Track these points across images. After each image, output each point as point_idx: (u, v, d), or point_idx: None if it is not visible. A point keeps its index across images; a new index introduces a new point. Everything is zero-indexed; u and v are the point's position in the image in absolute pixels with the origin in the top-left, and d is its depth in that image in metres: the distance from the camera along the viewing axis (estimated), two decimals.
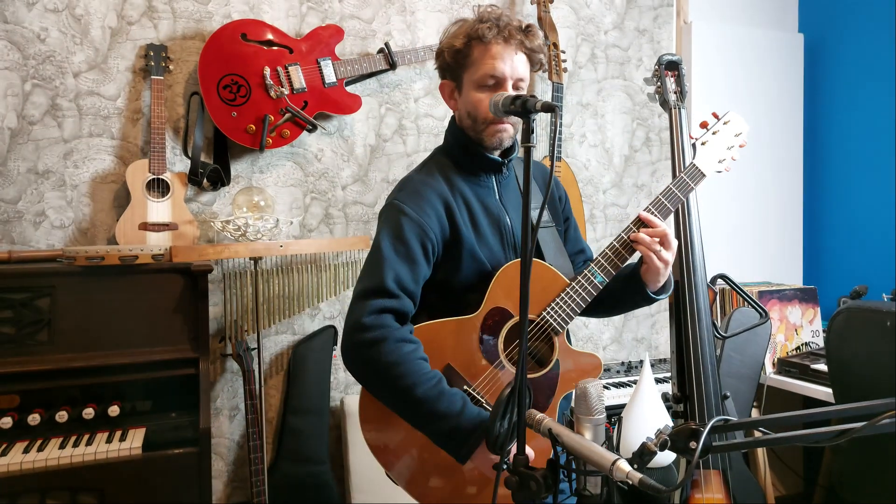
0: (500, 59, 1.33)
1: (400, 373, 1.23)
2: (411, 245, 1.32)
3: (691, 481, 1.84)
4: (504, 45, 1.34)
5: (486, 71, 1.34)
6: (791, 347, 2.71)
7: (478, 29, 1.33)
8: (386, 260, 1.30)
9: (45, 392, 1.86)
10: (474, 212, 1.40)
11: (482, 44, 1.34)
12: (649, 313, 3.06)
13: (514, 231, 1.43)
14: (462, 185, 1.42)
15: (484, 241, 1.39)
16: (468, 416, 1.23)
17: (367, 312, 1.27)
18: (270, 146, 2.32)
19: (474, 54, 1.35)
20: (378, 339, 1.25)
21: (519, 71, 1.36)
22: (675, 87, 1.94)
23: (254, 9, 2.40)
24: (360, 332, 1.26)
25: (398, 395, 1.25)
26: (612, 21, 2.96)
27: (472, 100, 1.37)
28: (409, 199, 1.37)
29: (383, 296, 1.28)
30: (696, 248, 1.87)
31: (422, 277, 1.34)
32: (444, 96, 1.46)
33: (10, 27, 2.15)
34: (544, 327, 1.37)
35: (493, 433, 1.08)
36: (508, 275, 1.36)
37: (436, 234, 1.35)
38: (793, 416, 0.94)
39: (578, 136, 2.92)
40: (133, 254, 1.98)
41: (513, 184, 1.50)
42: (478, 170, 1.44)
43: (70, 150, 2.22)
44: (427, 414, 1.24)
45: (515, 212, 1.46)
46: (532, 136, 1.11)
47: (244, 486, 2.41)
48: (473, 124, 1.39)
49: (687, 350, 1.82)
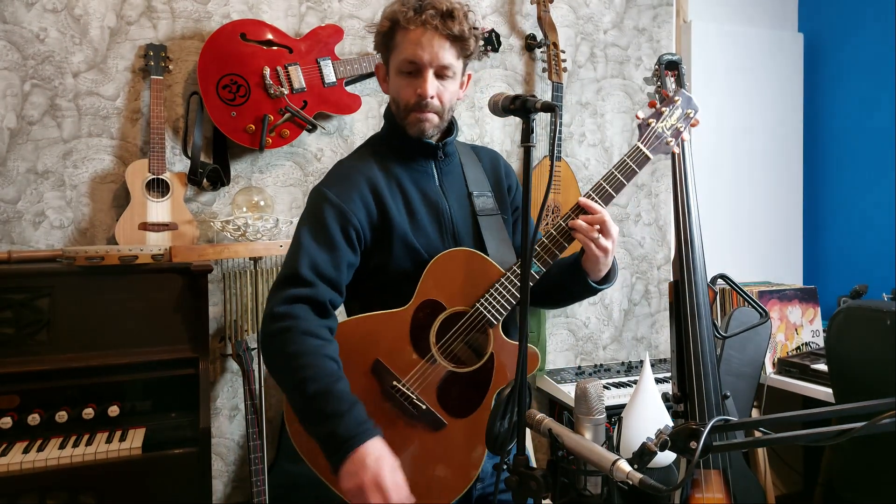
0: (418, 45, 1.28)
1: (297, 365, 1.18)
2: (331, 230, 1.28)
3: (691, 481, 1.84)
4: (422, 29, 1.28)
5: (405, 56, 1.30)
6: (791, 347, 2.71)
7: (397, 13, 1.29)
8: (302, 247, 1.27)
9: (45, 392, 1.86)
10: (410, 197, 1.36)
11: (402, 28, 1.30)
12: (649, 313, 3.06)
13: (452, 218, 1.39)
14: (398, 170, 1.38)
15: (420, 228, 1.35)
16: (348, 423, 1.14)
17: (278, 302, 1.24)
18: (270, 146, 2.32)
19: (396, 38, 1.31)
20: (284, 328, 1.21)
21: (441, 57, 1.29)
22: (675, 86, 1.94)
23: (253, 8, 2.40)
24: (269, 321, 1.23)
25: (292, 389, 1.20)
26: (612, 20, 2.96)
27: (395, 85, 1.34)
28: (333, 184, 1.33)
29: (297, 284, 1.24)
30: (696, 248, 1.87)
31: (344, 263, 1.29)
32: (378, 79, 1.42)
33: (9, 27, 2.15)
34: (479, 319, 1.32)
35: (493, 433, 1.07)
36: (440, 266, 1.32)
37: (360, 220, 1.30)
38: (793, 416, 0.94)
39: (578, 135, 2.92)
40: (133, 254, 1.97)
41: (457, 170, 1.45)
42: (414, 154, 1.40)
43: (69, 150, 2.22)
44: (313, 413, 1.17)
45: (456, 199, 1.41)
46: (532, 135, 1.11)
47: (244, 486, 2.41)
48: (397, 110, 1.36)
49: (687, 350, 1.82)
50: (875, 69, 2.98)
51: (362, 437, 1.13)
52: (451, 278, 1.32)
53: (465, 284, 1.33)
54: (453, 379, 1.33)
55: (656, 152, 1.38)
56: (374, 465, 1.10)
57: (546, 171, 2.60)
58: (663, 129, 1.39)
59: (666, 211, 3.06)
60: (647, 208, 3.05)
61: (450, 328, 1.34)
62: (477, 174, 1.48)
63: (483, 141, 2.73)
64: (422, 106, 1.32)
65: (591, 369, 2.79)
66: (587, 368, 2.80)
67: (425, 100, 1.31)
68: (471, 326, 1.33)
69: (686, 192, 1.92)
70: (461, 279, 1.32)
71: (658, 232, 3.07)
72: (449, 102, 1.36)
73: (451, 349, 1.34)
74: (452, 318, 1.33)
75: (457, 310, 1.33)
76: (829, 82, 3.21)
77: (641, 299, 3.05)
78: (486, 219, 1.43)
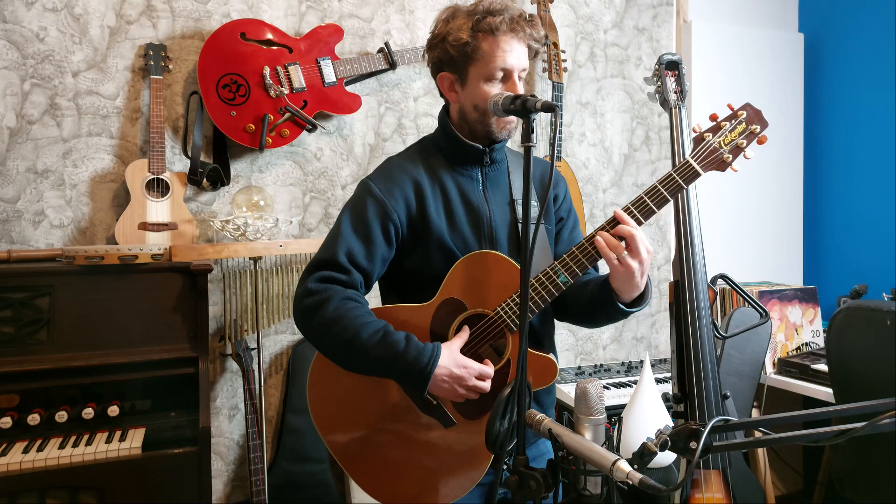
0: (510, 52, 1.30)
1: (346, 325, 1.26)
2: (371, 224, 1.32)
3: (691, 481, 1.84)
4: (512, 36, 1.31)
5: (497, 64, 1.30)
6: (791, 347, 2.71)
7: (488, 21, 1.30)
8: (342, 235, 1.32)
9: (45, 391, 1.86)
10: (451, 200, 1.37)
11: (492, 36, 1.30)
12: (649, 313, 3.06)
13: (492, 224, 1.39)
14: (444, 173, 1.40)
15: (457, 230, 1.36)
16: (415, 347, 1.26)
17: (314, 280, 1.30)
18: (270, 146, 2.32)
19: (483, 47, 1.31)
20: (324, 299, 1.27)
21: (524, 62, 1.34)
22: (676, 86, 1.94)
23: (253, 8, 2.40)
24: (306, 297, 1.29)
25: (346, 347, 1.27)
26: (612, 20, 2.96)
27: (481, 93, 1.33)
28: (379, 180, 1.37)
29: (332, 268, 1.30)
30: (696, 248, 1.87)
31: (379, 256, 1.34)
32: (442, 88, 1.41)
33: (8, 26, 2.14)
34: (498, 324, 1.32)
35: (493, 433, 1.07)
36: (466, 266, 1.32)
37: (400, 217, 1.34)
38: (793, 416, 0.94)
39: (578, 135, 2.92)
40: (132, 253, 1.97)
41: (503, 177, 1.46)
42: (462, 160, 1.41)
43: (69, 149, 2.22)
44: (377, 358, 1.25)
45: (499, 205, 1.42)
46: (532, 135, 1.11)
47: (244, 486, 2.41)
48: (482, 117, 1.36)
49: (687, 350, 1.82)
50: (875, 69, 2.98)
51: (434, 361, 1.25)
52: (475, 280, 1.33)
53: (490, 287, 1.32)
54: None
55: (709, 169, 1.29)
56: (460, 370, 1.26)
57: None
58: (720, 143, 1.30)
59: (666, 211, 3.06)
60: None
61: (469, 328, 1.34)
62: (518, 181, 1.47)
63: None
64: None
65: (591, 369, 2.79)
66: (587, 368, 2.79)
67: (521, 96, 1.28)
68: (489, 330, 1.33)
69: (686, 192, 1.92)
70: (486, 282, 1.33)
71: (658, 232, 3.07)
72: None
73: (468, 350, 1.34)
74: (472, 320, 1.34)
75: (477, 311, 1.33)
76: (829, 82, 3.21)
77: None
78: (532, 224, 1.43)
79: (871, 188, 3.00)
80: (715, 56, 3.05)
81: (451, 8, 1.37)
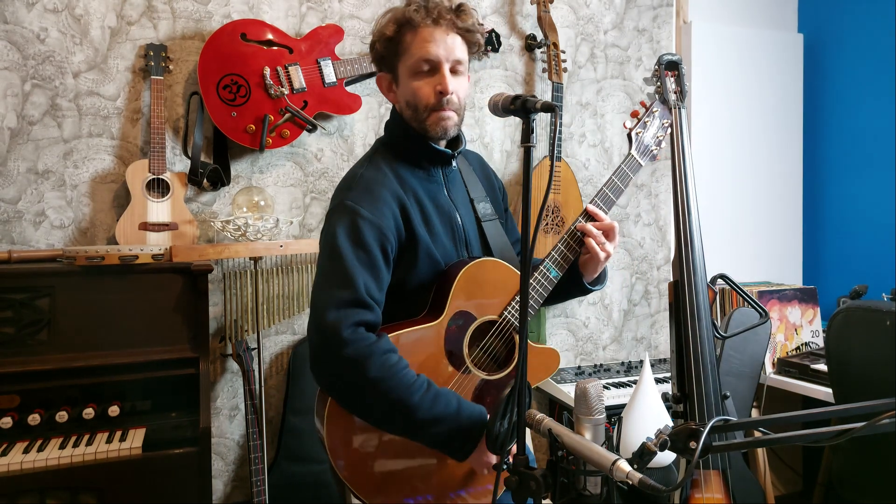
0: (432, 42, 1.28)
1: (390, 386, 1.19)
2: (373, 251, 1.25)
3: (691, 481, 1.84)
4: (434, 26, 1.28)
5: (420, 55, 1.28)
6: (791, 347, 2.71)
7: (405, 13, 1.29)
8: (353, 268, 1.23)
9: (45, 392, 1.86)
10: (426, 210, 1.35)
11: (412, 28, 1.29)
12: (649, 313, 3.06)
13: (464, 228, 1.41)
14: (412, 181, 1.36)
15: (438, 239, 1.36)
16: (466, 414, 1.23)
17: (345, 326, 1.20)
18: (270, 146, 2.32)
19: (406, 40, 1.30)
20: (364, 355, 1.19)
21: (455, 53, 1.30)
22: (675, 86, 1.94)
23: (253, 8, 2.40)
24: (341, 347, 1.19)
25: (390, 408, 1.20)
26: (612, 21, 2.96)
27: (410, 88, 1.31)
28: (362, 200, 1.29)
29: (359, 306, 1.22)
30: (696, 248, 1.87)
31: (385, 284, 1.29)
32: (382, 90, 1.40)
33: (9, 27, 2.15)
34: (506, 327, 1.36)
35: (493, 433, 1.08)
36: (469, 277, 1.32)
37: (393, 236, 1.29)
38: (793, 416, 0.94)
39: (578, 135, 2.92)
40: (133, 254, 1.98)
41: (458, 178, 1.46)
42: (426, 163, 1.39)
43: (70, 149, 2.22)
44: (423, 421, 1.20)
45: (462, 206, 1.43)
46: (532, 136, 1.11)
47: (244, 486, 2.41)
48: (415, 114, 1.33)
49: (687, 350, 1.82)
50: (875, 70, 2.98)
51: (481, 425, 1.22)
52: (479, 288, 1.34)
53: (492, 293, 1.35)
54: (486, 386, 1.36)
55: (645, 158, 1.51)
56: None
57: (546, 171, 2.60)
58: (649, 137, 1.52)
59: (666, 211, 3.06)
60: (647, 208, 3.05)
61: (481, 338, 1.36)
62: (473, 179, 1.50)
63: (483, 141, 2.73)
64: (442, 104, 1.31)
65: (591, 369, 2.79)
66: (587, 368, 2.80)
67: (447, 96, 1.30)
68: (501, 334, 1.36)
69: (686, 192, 1.92)
70: (488, 288, 1.35)
71: (658, 232, 3.07)
72: (464, 99, 1.36)
73: (484, 358, 1.37)
74: (483, 328, 1.36)
75: (486, 319, 1.36)
76: (829, 82, 3.21)
77: (641, 299, 3.05)
78: (488, 224, 1.46)
79: (871, 188, 3.00)
80: (715, 56, 3.05)
81: (390, 8, 1.36)
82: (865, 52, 3.03)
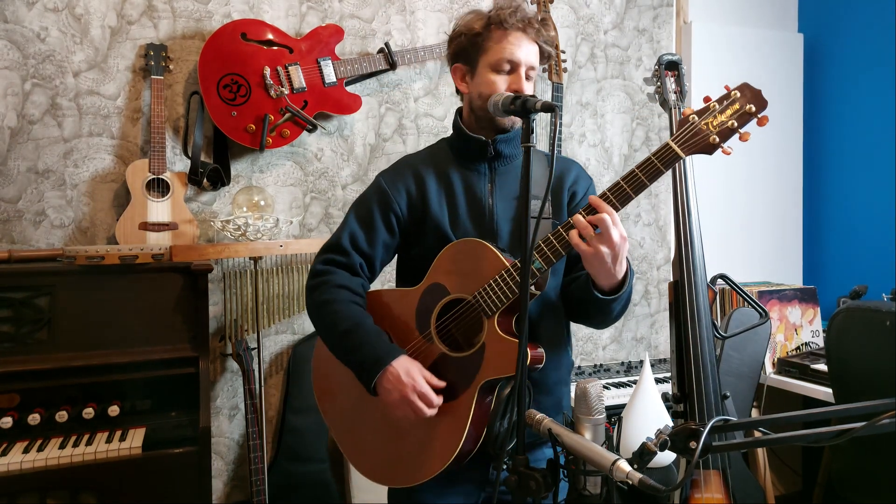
0: (517, 46, 1.37)
1: (330, 310, 1.37)
2: (373, 212, 1.44)
3: (691, 481, 1.84)
4: (522, 32, 1.38)
5: (504, 55, 1.37)
6: (791, 347, 2.71)
7: (499, 15, 1.37)
8: (347, 223, 1.45)
9: (45, 391, 1.86)
10: (455, 194, 1.44)
11: (502, 28, 1.38)
12: (649, 313, 3.06)
13: (495, 218, 1.42)
14: (452, 170, 1.46)
15: (458, 223, 1.42)
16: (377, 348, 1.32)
17: (319, 262, 1.44)
18: (270, 146, 2.32)
19: (493, 38, 1.38)
20: (322, 282, 1.40)
21: (532, 60, 1.39)
22: (675, 86, 1.94)
23: (254, 8, 2.40)
24: (311, 278, 1.43)
25: (328, 328, 1.39)
26: (612, 21, 2.96)
27: (487, 80, 1.39)
28: (388, 174, 1.49)
29: (335, 251, 1.43)
30: (696, 248, 1.87)
31: (380, 242, 1.44)
32: (455, 79, 1.47)
33: (9, 26, 2.15)
34: (476, 307, 1.33)
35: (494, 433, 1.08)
36: (451, 252, 1.38)
37: (401, 206, 1.44)
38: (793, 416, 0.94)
39: (578, 135, 2.92)
40: (133, 253, 1.98)
41: (514, 172, 1.46)
42: (468, 154, 1.46)
43: (70, 149, 2.22)
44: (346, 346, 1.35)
45: (504, 200, 1.43)
46: (532, 135, 1.11)
47: (244, 486, 2.41)
48: (483, 104, 1.40)
49: (687, 350, 1.82)
50: (875, 69, 2.98)
51: (390, 357, 1.31)
52: (459, 265, 1.37)
53: (471, 273, 1.35)
54: (444, 362, 1.36)
55: (692, 152, 1.20)
56: (407, 378, 1.29)
57: None
58: (708, 125, 1.20)
59: (666, 211, 3.06)
60: (646, 208, 3.05)
61: (449, 313, 1.38)
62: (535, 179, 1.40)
63: None
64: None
65: (591, 369, 2.79)
66: (587, 368, 2.80)
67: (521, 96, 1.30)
68: (466, 314, 1.36)
69: (686, 192, 1.92)
70: (469, 268, 1.36)
71: (658, 232, 3.07)
72: None
73: (448, 333, 1.39)
74: (453, 304, 1.37)
75: (458, 296, 1.37)
76: (829, 82, 3.21)
77: (641, 299, 3.05)
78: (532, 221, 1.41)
79: (871, 188, 3.00)
80: (715, 56, 3.05)
81: (474, 9, 1.47)
82: (866, 52, 3.03)
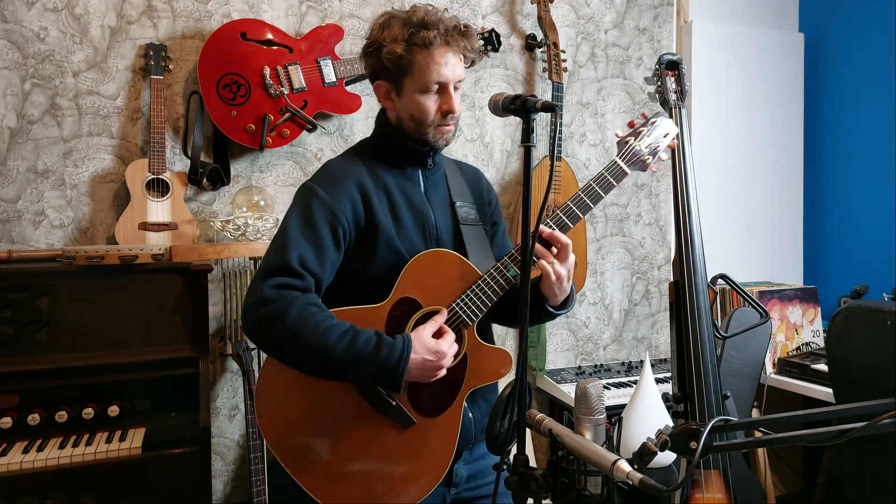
0: (443, 65, 1.33)
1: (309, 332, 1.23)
2: (319, 228, 1.30)
3: (692, 481, 1.84)
4: (446, 49, 1.34)
5: (432, 78, 1.34)
6: (791, 347, 2.70)
7: (422, 35, 1.32)
8: (291, 240, 1.29)
9: (45, 392, 1.86)
10: (395, 203, 1.39)
11: (426, 50, 1.33)
12: (649, 313, 3.06)
13: (437, 225, 1.42)
14: (386, 175, 1.41)
15: (404, 232, 1.38)
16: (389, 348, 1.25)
17: (268, 287, 1.25)
18: (270, 146, 2.32)
19: (417, 60, 1.34)
20: (283, 308, 1.23)
21: (459, 73, 1.37)
22: (676, 86, 1.94)
23: (253, 8, 2.40)
24: (260, 305, 1.24)
25: (313, 355, 1.24)
26: (612, 20, 2.96)
27: (418, 104, 1.36)
28: (323, 183, 1.36)
29: (287, 274, 1.27)
30: (696, 248, 1.87)
31: (329, 262, 1.32)
32: (378, 96, 1.43)
33: (9, 26, 2.14)
34: (454, 319, 1.35)
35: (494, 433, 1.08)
36: (420, 265, 1.34)
37: (347, 220, 1.33)
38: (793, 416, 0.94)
39: (578, 135, 2.92)
40: (133, 253, 1.97)
41: (441, 181, 1.49)
42: (403, 161, 1.44)
43: (69, 149, 2.22)
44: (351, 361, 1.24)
45: (440, 207, 1.45)
46: (532, 135, 1.11)
47: (244, 486, 2.41)
48: (418, 126, 1.39)
49: (687, 350, 1.82)
50: (875, 69, 2.98)
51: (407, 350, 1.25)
52: (429, 278, 1.35)
53: (443, 285, 1.35)
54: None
55: (633, 168, 1.44)
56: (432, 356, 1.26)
57: (546, 170, 2.60)
58: (640, 147, 1.44)
59: (666, 211, 3.06)
60: (647, 208, 3.05)
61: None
62: (460, 186, 1.52)
63: (483, 141, 2.73)
64: (447, 120, 1.38)
65: (591, 369, 2.79)
66: (587, 368, 2.79)
67: (454, 114, 1.37)
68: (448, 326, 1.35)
69: (686, 192, 1.92)
70: (439, 279, 1.35)
71: (658, 232, 3.07)
72: (460, 112, 1.42)
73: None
74: (428, 318, 1.34)
75: (433, 309, 1.35)
76: (829, 82, 3.21)
77: (642, 299, 3.05)
78: (467, 228, 1.46)
79: (872, 188, 3.00)
80: (715, 56, 3.05)
81: (386, 14, 1.39)
82: (866, 51, 3.02)
